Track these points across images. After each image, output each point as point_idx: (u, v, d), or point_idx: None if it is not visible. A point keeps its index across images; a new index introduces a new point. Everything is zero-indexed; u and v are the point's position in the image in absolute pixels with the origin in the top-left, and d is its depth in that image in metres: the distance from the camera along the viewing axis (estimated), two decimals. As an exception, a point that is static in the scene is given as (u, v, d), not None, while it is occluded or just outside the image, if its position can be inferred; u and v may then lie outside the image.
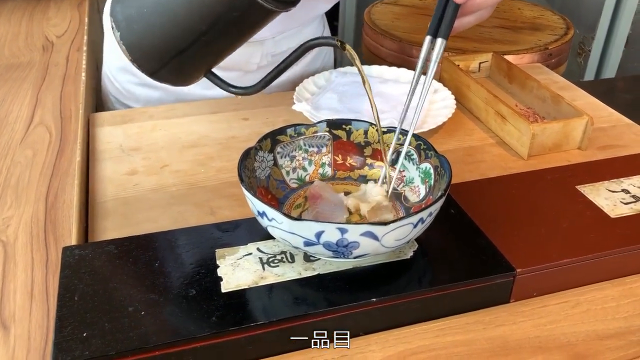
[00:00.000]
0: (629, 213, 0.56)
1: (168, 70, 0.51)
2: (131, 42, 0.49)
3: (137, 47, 0.50)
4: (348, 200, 0.54)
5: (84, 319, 0.43)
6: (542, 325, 0.49)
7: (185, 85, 0.55)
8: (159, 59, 0.50)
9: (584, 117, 0.74)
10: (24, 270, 0.53)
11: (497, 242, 0.52)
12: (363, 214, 0.53)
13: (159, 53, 0.50)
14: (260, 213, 0.46)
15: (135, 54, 0.50)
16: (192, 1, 0.47)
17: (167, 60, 0.50)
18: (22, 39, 1.01)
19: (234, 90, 0.54)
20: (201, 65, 0.53)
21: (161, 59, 0.50)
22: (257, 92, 0.54)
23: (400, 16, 1.16)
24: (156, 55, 0.50)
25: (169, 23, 0.48)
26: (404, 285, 0.48)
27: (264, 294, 0.46)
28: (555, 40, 1.05)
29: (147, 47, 0.49)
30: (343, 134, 0.58)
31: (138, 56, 0.50)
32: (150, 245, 0.51)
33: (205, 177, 0.69)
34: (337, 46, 0.49)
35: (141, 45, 0.49)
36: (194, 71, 0.53)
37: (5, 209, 0.61)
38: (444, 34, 0.53)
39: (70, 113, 0.78)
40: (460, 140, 0.78)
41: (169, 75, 0.52)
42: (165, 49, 0.49)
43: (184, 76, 0.53)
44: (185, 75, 0.53)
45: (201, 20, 0.47)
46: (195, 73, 0.53)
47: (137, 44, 0.49)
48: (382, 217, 0.53)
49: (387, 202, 0.54)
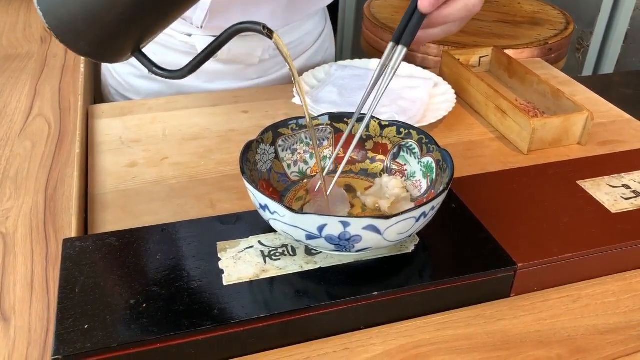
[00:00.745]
0: (629, 208, 0.56)
1: (89, 44, 0.47)
2: (48, 9, 0.45)
3: (54, 14, 0.45)
4: (367, 200, 0.54)
5: (85, 311, 0.43)
6: (543, 320, 0.49)
7: (111, 62, 0.50)
8: (76, 29, 0.45)
9: (584, 112, 0.74)
10: (24, 262, 0.53)
11: (498, 236, 0.52)
12: (384, 210, 0.53)
13: (76, 22, 0.45)
14: (262, 206, 0.46)
15: (52, 22, 0.45)
16: None
17: (84, 31, 0.46)
18: (20, 30, 1.00)
19: (159, 72, 0.49)
20: (123, 40, 0.48)
21: (78, 29, 0.45)
22: (183, 77, 0.49)
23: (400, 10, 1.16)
24: (73, 24, 0.45)
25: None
26: (405, 279, 0.48)
27: (266, 287, 0.46)
28: (555, 35, 1.05)
29: (64, 15, 0.45)
30: (344, 127, 0.58)
31: (55, 24, 0.45)
32: (151, 238, 0.51)
33: (205, 169, 0.69)
34: (262, 32, 0.46)
35: (58, 13, 0.45)
36: (118, 47, 0.48)
37: (4, 200, 0.61)
38: (406, 41, 0.52)
39: (69, 104, 0.78)
40: (460, 134, 0.78)
41: (91, 49, 0.47)
42: (81, 18, 0.45)
43: (107, 52, 0.48)
44: (109, 51, 0.48)
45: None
46: (120, 50, 0.49)
47: (53, 11, 0.45)
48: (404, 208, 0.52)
49: (406, 192, 0.54)
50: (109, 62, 0.51)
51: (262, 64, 0.90)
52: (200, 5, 0.77)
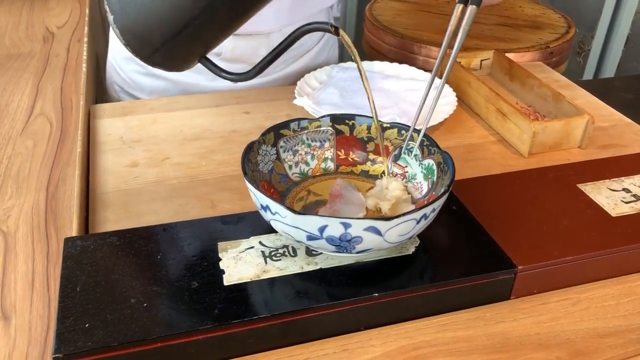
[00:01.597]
0: (629, 212, 0.56)
1: (161, 55, 0.51)
2: (124, 25, 0.49)
3: (130, 30, 0.49)
4: (368, 201, 0.54)
5: (86, 310, 0.43)
6: (543, 323, 0.49)
7: (179, 70, 0.54)
8: (152, 43, 0.50)
9: (585, 116, 0.74)
10: (25, 261, 0.53)
11: (499, 239, 0.52)
12: (384, 212, 0.53)
13: (152, 37, 0.49)
14: (264, 206, 0.46)
15: (128, 37, 0.50)
16: None
17: (160, 44, 0.50)
18: (22, 29, 1.00)
19: (227, 76, 0.53)
20: (195, 49, 0.52)
21: (154, 43, 0.50)
22: (252, 78, 0.53)
23: (401, 12, 1.16)
24: (149, 39, 0.50)
25: (162, 6, 0.48)
26: (405, 281, 0.48)
27: (266, 288, 0.46)
28: (557, 39, 1.05)
29: (140, 30, 0.49)
30: (346, 129, 0.58)
31: (131, 39, 0.50)
32: (152, 237, 0.51)
33: (206, 170, 0.69)
34: (330, 31, 0.49)
35: (134, 29, 0.49)
36: (188, 56, 0.53)
37: (6, 199, 0.61)
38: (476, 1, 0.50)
39: (71, 104, 0.78)
40: (461, 137, 0.78)
41: (162, 60, 0.52)
42: (158, 32, 0.49)
43: (177, 61, 0.53)
44: (179, 60, 0.53)
45: (194, 3, 0.47)
46: (189, 58, 0.53)
47: (130, 27, 0.49)
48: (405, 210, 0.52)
49: (407, 195, 0.54)
50: (176, 71, 0.54)
51: None
52: None
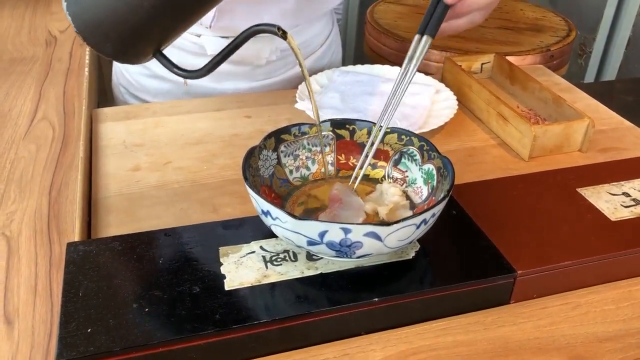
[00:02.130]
0: (629, 216, 0.56)
1: (113, 46, 0.50)
2: (76, 12, 0.48)
3: (81, 17, 0.48)
4: (366, 205, 0.54)
5: (89, 315, 0.44)
6: (542, 327, 0.49)
7: (133, 63, 0.53)
8: (102, 32, 0.48)
9: (585, 119, 0.74)
10: (28, 265, 0.54)
11: (498, 243, 0.52)
12: (382, 217, 0.53)
13: (103, 26, 0.48)
14: (265, 212, 0.47)
15: (79, 24, 0.48)
16: None
17: (110, 34, 0.49)
18: (25, 33, 1.01)
19: (179, 72, 0.52)
20: (147, 42, 0.51)
21: (105, 32, 0.48)
22: (202, 76, 0.52)
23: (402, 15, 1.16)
24: (100, 28, 0.48)
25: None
26: (405, 286, 0.48)
27: (267, 292, 0.47)
28: (557, 42, 1.06)
29: (91, 18, 0.48)
30: (346, 133, 0.58)
31: (83, 27, 0.48)
32: (154, 242, 0.51)
33: (208, 174, 0.69)
34: (277, 34, 0.48)
35: (85, 16, 0.48)
36: (141, 49, 0.51)
37: (9, 203, 0.61)
38: (431, 31, 0.53)
39: (74, 108, 0.79)
40: (461, 140, 0.78)
41: (115, 51, 0.50)
42: (108, 21, 0.48)
43: (130, 53, 0.51)
44: (132, 53, 0.51)
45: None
46: (143, 51, 0.51)
47: (81, 14, 0.48)
48: (402, 216, 0.53)
49: (405, 200, 0.54)
50: (130, 63, 0.53)
51: (269, 65, 0.91)
52: None
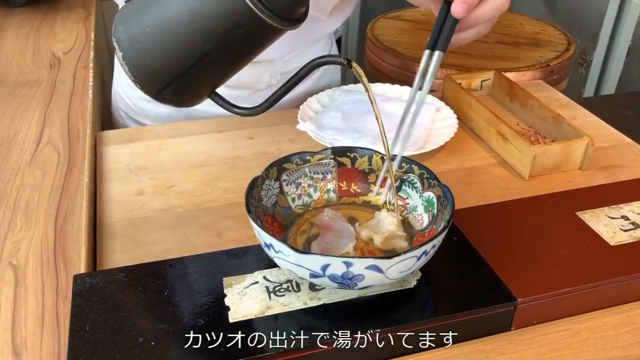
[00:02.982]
0: (628, 240, 0.57)
1: (170, 91, 0.51)
2: (133, 63, 0.49)
3: (139, 67, 0.49)
4: (362, 232, 0.55)
5: (96, 349, 0.45)
6: (543, 354, 0.50)
7: (188, 106, 0.54)
8: (161, 79, 0.50)
9: (585, 138, 0.75)
10: (35, 295, 0.55)
11: (499, 270, 0.53)
12: (377, 244, 0.54)
13: (162, 73, 0.49)
14: (267, 245, 0.47)
15: (137, 74, 0.49)
16: (195, 20, 0.46)
17: (169, 81, 0.50)
18: (29, 55, 1.02)
19: (238, 111, 0.54)
20: (205, 85, 0.52)
21: (163, 79, 0.49)
22: (263, 112, 0.53)
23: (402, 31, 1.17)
24: (158, 75, 0.49)
25: (171, 43, 0.47)
26: (407, 315, 0.49)
27: (271, 324, 0.47)
28: (557, 57, 1.06)
29: (150, 67, 0.49)
30: (347, 161, 0.59)
31: (140, 76, 0.49)
32: (159, 273, 0.52)
33: (211, 197, 0.70)
34: (344, 64, 0.50)
35: (143, 66, 0.49)
36: (198, 92, 0.53)
37: (15, 231, 0.62)
38: (442, 46, 0.53)
39: (78, 132, 0.80)
40: (462, 160, 0.79)
41: (172, 96, 0.52)
42: (167, 69, 0.49)
43: (187, 97, 0.53)
44: (188, 96, 0.53)
45: (204, 40, 0.47)
46: (199, 94, 0.53)
47: (139, 64, 0.49)
48: (397, 245, 0.54)
49: (401, 231, 0.55)
50: (186, 106, 0.54)
51: (269, 89, 0.92)
52: None
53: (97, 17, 1.21)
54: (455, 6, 0.52)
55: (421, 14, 1.26)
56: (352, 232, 0.54)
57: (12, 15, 1.19)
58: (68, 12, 1.22)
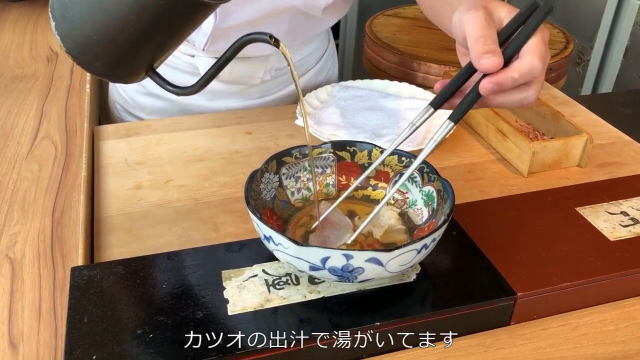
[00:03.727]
0: (627, 236, 0.57)
1: (103, 65, 0.49)
2: (65, 33, 0.48)
3: (70, 38, 0.48)
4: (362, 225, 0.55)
5: (94, 341, 0.44)
6: (542, 349, 0.50)
7: (126, 82, 0.52)
8: (91, 51, 0.48)
9: (584, 135, 0.75)
10: (32, 288, 0.54)
11: (498, 264, 0.53)
12: (376, 237, 0.54)
13: (91, 45, 0.48)
14: (267, 237, 0.47)
15: (69, 45, 0.48)
16: None
17: (99, 54, 0.48)
18: (26, 49, 1.02)
19: (172, 89, 0.51)
20: (137, 60, 0.50)
21: (93, 51, 0.48)
22: (195, 92, 0.51)
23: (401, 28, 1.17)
24: (89, 47, 0.48)
25: (98, 12, 0.46)
26: (407, 309, 0.48)
27: (270, 317, 0.47)
28: (555, 55, 1.06)
29: (79, 38, 0.48)
30: (347, 155, 0.59)
31: (72, 48, 0.48)
32: (157, 266, 0.51)
33: (209, 192, 0.70)
34: (269, 42, 0.48)
35: (74, 36, 0.48)
36: (131, 67, 0.51)
37: (12, 224, 0.62)
38: (455, 118, 0.50)
39: (75, 126, 0.79)
40: (461, 156, 0.79)
41: (105, 70, 0.50)
42: (96, 40, 0.47)
43: (121, 72, 0.51)
44: (123, 71, 0.51)
45: (128, 9, 0.45)
46: (133, 69, 0.51)
47: (70, 35, 0.48)
48: (396, 239, 0.54)
49: (400, 225, 0.55)
50: (123, 82, 0.53)
51: (263, 84, 0.92)
52: (202, 31, 0.78)
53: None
54: (485, 84, 0.48)
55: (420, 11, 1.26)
56: (349, 224, 0.54)
57: (10, 9, 1.18)
58: (65, 7, 1.21)
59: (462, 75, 0.51)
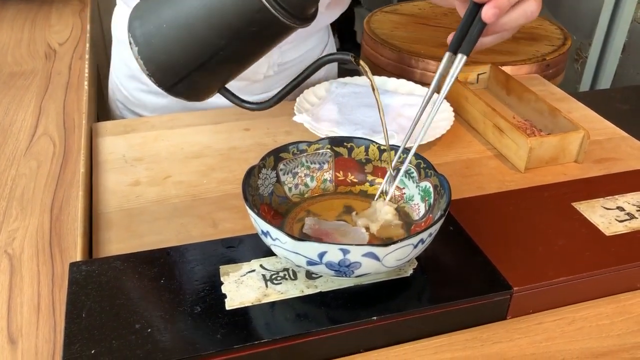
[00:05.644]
0: (623, 231, 0.57)
1: (184, 85, 0.52)
2: (149, 58, 0.50)
3: (154, 62, 0.50)
4: (358, 221, 0.55)
5: (92, 336, 0.44)
6: (538, 343, 0.50)
7: (199, 100, 0.55)
8: (175, 74, 0.51)
9: (581, 131, 0.75)
10: (31, 283, 0.54)
11: (495, 259, 0.53)
12: (373, 232, 0.54)
13: (176, 68, 0.50)
14: (264, 232, 0.47)
15: (152, 68, 0.51)
16: (211, 16, 0.47)
17: (183, 76, 0.51)
18: (24, 46, 1.02)
19: (248, 106, 0.55)
20: (217, 80, 0.54)
21: (178, 74, 0.51)
22: (271, 107, 0.54)
23: (399, 25, 1.17)
24: (173, 70, 0.51)
25: (187, 38, 0.49)
26: (403, 303, 0.49)
27: (267, 311, 0.47)
28: (553, 51, 1.07)
29: (165, 62, 0.50)
30: (344, 151, 0.59)
31: (154, 70, 0.51)
32: (155, 261, 0.52)
33: (207, 188, 0.70)
34: (351, 61, 0.50)
35: (159, 60, 0.50)
36: (210, 87, 0.54)
37: (11, 221, 0.62)
38: (466, 50, 0.53)
39: (74, 123, 0.79)
40: (458, 152, 0.79)
41: (185, 90, 0.53)
42: (182, 64, 0.50)
43: (199, 91, 0.54)
44: (201, 91, 0.54)
45: (219, 36, 0.48)
46: (211, 88, 0.54)
47: (154, 59, 0.50)
48: (393, 234, 0.54)
49: (397, 220, 0.55)
50: (197, 100, 0.55)
51: (266, 80, 0.92)
52: None
53: (92, 9, 1.20)
54: (487, 11, 0.51)
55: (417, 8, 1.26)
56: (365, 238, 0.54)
57: (8, 7, 1.18)
58: (63, 3, 1.22)
59: (467, 19, 0.54)
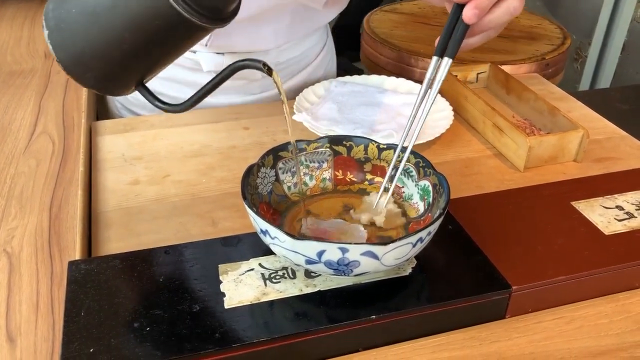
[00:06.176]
0: (622, 230, 0.57)
1: (94, 77, 0.50)
2: (58, 43, 0.48)
3: (63, 48, 0.48)
4: (362, 217, 0.55)
5: (91, 334, 0.44)
6: (537, 342, 0.50)
7: (114, 95, 0.53)
8: (83, 63, 0.49)
9: (580, 130, 0.75)
10: (29, 282, 0.54)
11: (494, 258, 0.53)
12: (380, 224, 0.55)
13: (84, 57, 0.48)
14: (263, 231, 0.47)
15: (61, 55, 0.48)
16: (116, 6, 0.46)
17: (91, 65, 0.49)
18: (24, 45, 1.02)
19: (161, 106, 0.52)
20: (129, 76, 0.51)
21: (86, 63, 0.49)
22: (184, 110, 0.52)
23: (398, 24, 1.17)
24: (81, 59, 0.48)
25: (93, 27, 0.47)
26: (402, 302, 0.49)
27: (266, 311, 0.47)
28: (552, 51, 1.07)
29: (72, 49, 0.48)
30: (344, 150, 0.59)
31: (63, 58, 0.49)
32: (154, 260, 0.52)
33: (206, 187, 0.70)
34: (262, 70, 0.49)
35: (67, 47, 0.48)
36: (122, 81, 0.52)
37: (9, 219, 0.62)
38: (451, 53, 0.53)
39: (73, 122, 0.79)
40: (457, 151, 0.79)
41: (95, 82, 0.51)
42: (89, 53, 0.48)
43: (111, 85, 0.52)
44: (113, 85, 0.52)
45: (123, 27, 0.46)
46: (124, 84, 0.52)
47: (63, 45, 0.48)
48: (397, 222, 0.55)
49: (397, 208, 0.55)
50: (112, 95, 0.53)
51: (264, 79, 0.92)
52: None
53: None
54: (467, 12, 0.52)
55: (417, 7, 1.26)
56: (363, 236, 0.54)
57: (7, 5, 1.18)
58: (63, 2, 1.21)
59: (452, 20, 0.54)
